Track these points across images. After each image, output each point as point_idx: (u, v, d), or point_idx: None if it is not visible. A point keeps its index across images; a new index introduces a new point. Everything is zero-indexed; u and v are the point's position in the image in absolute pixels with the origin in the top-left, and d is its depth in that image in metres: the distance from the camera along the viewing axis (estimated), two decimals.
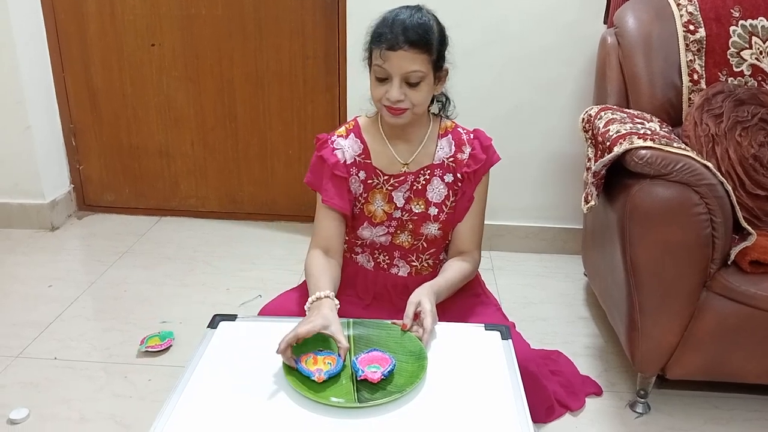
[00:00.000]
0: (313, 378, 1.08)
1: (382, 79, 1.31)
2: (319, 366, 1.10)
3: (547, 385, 1.62)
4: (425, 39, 1.28)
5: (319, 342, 1.19)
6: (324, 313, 1.19)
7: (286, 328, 1.24)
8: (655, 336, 1.60)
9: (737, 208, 1.50)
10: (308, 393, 1.05)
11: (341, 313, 1.31)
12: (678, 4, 1.94)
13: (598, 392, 1.80)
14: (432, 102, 1.44)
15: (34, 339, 2.00)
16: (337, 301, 1.25)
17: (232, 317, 1.31)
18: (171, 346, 1.95)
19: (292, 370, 1.11)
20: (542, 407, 1.60)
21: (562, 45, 2.37)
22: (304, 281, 1.62)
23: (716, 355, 1.61)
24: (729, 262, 1.55)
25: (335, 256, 1.41)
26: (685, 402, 1.77)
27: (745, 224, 1.52)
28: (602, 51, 2.08)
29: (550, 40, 2.37)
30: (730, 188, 1.49)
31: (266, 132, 2.78)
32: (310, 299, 1.26)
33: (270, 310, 1.43)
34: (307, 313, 1.24)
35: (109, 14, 2.65)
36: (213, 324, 1.29)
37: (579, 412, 1.73)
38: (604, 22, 2.29)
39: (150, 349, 1.90)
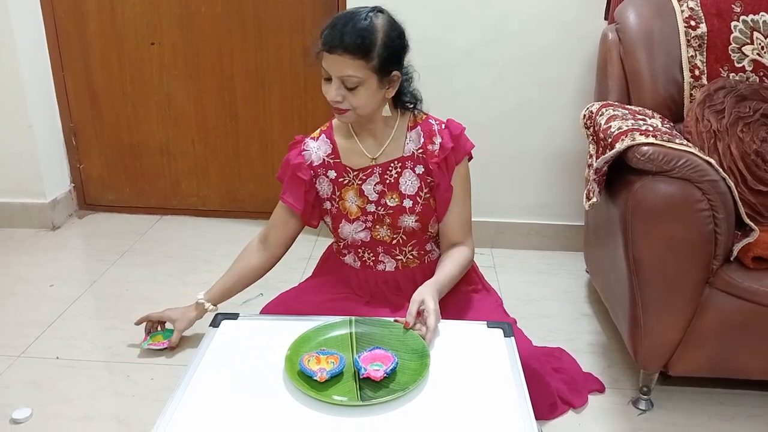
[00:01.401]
0: (315, 378, 1.07)
1: (327, 78, 1.33)
2: (321, 365, 1.10)
3: (550, 382, 1.62)
4: (362, 45, 1.28)
5: (322, 342, 1.19)
6: (185, 314, 1.72)
7: (288, 326, 1.24)
8: (657, 332, 1.60)
9: (740, 204, 1.50)
10: (311, 391, 1.05)
11: (343, 312, 1.32)
12: (679, 0, 1.94)
13: (601, 389, 1.80)
14: (387, 100, 1.42)
15: (36, 338, 2.00)
16: (209, 307, 1.68)
17: (234, 316, 1.32)
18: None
19: (294, 369, 1.10)
20: (545, 404, 1.60)
21: (562, 43, 2.36)
22: (306, 279, 1.64)
23: (719, 352, 1.60)
24: (732, 259, 1.54)
25: (271, 246, 1.59)
26: (688, 398, 1.77)
27: (747, 220, 1.51)
28: (603, 47, 2.07)
29: (550, 38, 2.36)
30: (732, 184, 1.48)
31: (267, 130, 2.77)
32: (199, 295, 1.69)
33: (272, 309, 1.44)
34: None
35: (109, 12, 2.65)
36: (215, 323, 1.29)
37: (582, 409, 1.72)
38: (605, 18, 2.29)
39: (152, 347, 1.90)
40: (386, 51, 1.31)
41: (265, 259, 1.60)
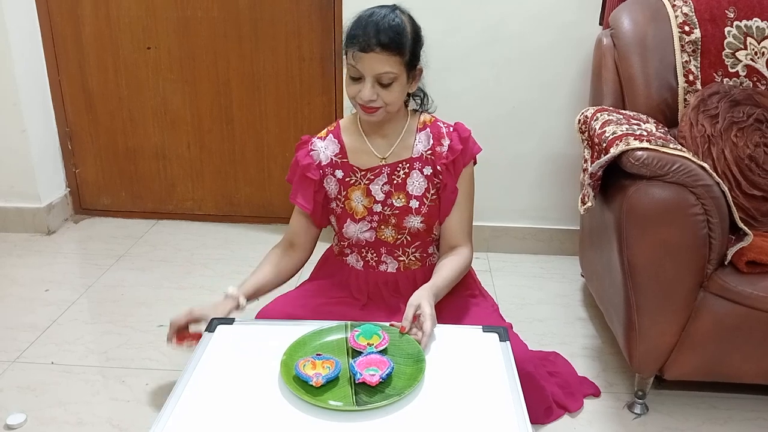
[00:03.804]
0: (311, 383, 1.07)
1: (356, 79, 1.34)
2: (317, 370, 1.10)
3: (545, 386, 1.63)
4: (397, 41, 1.31)
5: (317, 347, 1.19)
6: (218, 309, 1.39)
7: (283, 330, 1.24)
8: (652, 336, 1.60)
9: (734, 208, 1.51)
10: (306, 396, 1.05)
11: (338, 316, 1.32)
12: (673, 5, 1.95)
13: (596, 393, 1.80)
14: (408, 98, 1.46)
15: (30, 343, 2.00)
16: (243, 302, 1.43)
17: (229, 321, 1.31)
18: None
19: (290, 374, 1.10)
20: (540, 408, 1.60)
21: (558, 46, 2.37)
22: (301, 284, 1.64)
23: (714, 356, 1.61)
24: (726, 263, 1.55)
25: (298, 249, 1.55)
26: (682, 402, 1.77)
27: (741, 225, 1.52)
28: (598, 52, 2.08)
29: (547, 40, 2.37)
30: (726, 189, 1.49)
31: (262, 134, 2.77)
32: (229, 288, 1.45)
33: (267, 314, 1.43)
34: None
35: (105, 17, 2.65)
36: (210, 327, 1.29)
37: (577, 413, 1.73)
38: (600, 24, 2.30)
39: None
40: (414, 46, 1.35)
41: (295, 263, 1.56)
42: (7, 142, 2.65)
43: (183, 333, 1.41)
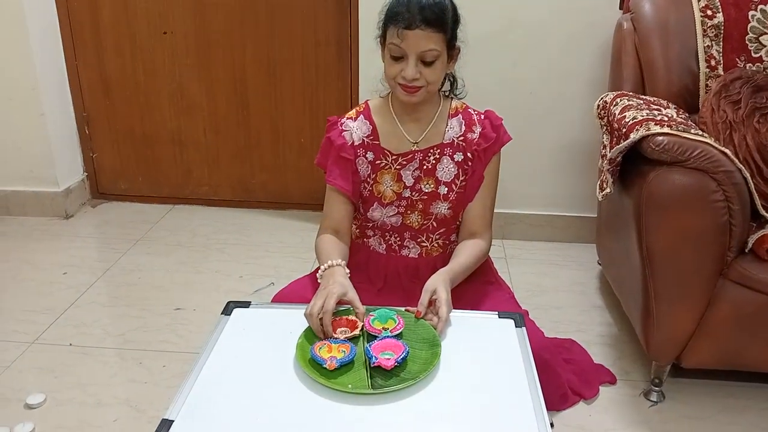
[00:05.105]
0: (325, 365, 1.08)
1: (397, 58, 1.32)
2: (333, 354, 1.10)
3: (561, 373, 1.62)
4: (441, 18, 1.30)
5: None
6: (339, 281, 1.25)
7: (299, 314, 1.24)
8: (670, 324, 1.59)
9: (755, 195, 1.49)
10: (322, 379, 1.05)
11: None
12: None
13: (612, 381, 1.79)
14: (444, 81, 1.44)
15: (49, 325, 2.02)
16: (347, 270, 1.32)
17: (245, 304, 1.32)
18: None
19: (306, 357, 1.11)
20: (556, 395, 1.59)
21: (577, 30, 2.34)
22: (317, 268, 1.63)
23: (732, 344, 1.59)
24: (746, 250, 1.53)
25: (344, 238, 1.46)
26: (699, 391, 1.76)
27: (763, 212, 1.50)
28: (618, 36, 2.05)
29: (566, 25, 2.34)
30: (748, 175, 1.47)
31: (278, 120, 2.77)
32: (321, 267, 1.33)
33: (283, 297, 1.44)
34: (320, 282, 1.30)
35: (122, 2, 2.65)
36: (227, 311, 1.29)
37: (593, 400, 1.72)
38: (620, 8, 2.26)
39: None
40: (454, 24, 1.35)
41: (346, 247, 1.46)
42: (25, 127, 2.67)
43: (334, 321, 1.19)
